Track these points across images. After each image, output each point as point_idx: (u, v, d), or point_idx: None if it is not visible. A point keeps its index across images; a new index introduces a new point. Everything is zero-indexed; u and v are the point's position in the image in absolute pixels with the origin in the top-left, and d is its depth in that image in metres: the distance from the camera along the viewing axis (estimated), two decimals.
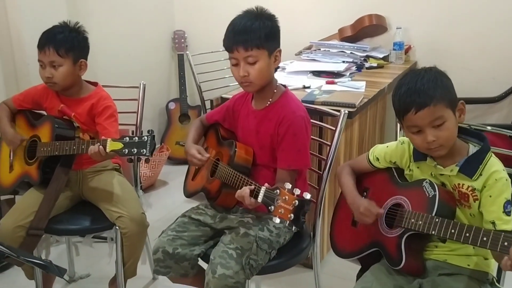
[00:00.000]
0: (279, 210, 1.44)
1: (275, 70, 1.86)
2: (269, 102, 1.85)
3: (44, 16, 2.87)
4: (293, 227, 1.46)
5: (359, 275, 1.72)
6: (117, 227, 2.06)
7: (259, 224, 1.80)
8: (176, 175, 3.81)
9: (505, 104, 3.25)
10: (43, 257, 2.28)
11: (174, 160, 3.97)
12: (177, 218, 1.93)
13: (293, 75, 3.01)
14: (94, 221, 2.12)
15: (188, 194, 2.08)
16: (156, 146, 2.50)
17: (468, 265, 1.53)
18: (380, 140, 3.42)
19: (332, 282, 2.40)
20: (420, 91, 1.45)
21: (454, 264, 1.53)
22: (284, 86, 1.91)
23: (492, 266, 1.56)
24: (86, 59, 2.14)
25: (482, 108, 3.28)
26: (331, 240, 1.84)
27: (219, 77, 3.18)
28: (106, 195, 2.13)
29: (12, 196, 2.42)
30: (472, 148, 1.53)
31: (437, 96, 1.44)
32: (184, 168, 2.02)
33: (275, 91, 1.85)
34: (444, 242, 1.54)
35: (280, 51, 1.80)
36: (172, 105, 4.13)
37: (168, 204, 3.38)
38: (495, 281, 1.56)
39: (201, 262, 1.88)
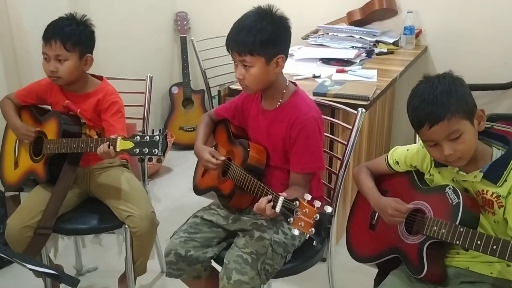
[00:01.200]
0: (299, 223, 1.39)
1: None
2: (279, 103, 1.78)
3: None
4: (314, 242, 1.42)
5: (376, 280, 1.68)
6: (126, 226, 2.02)
7: (273, 226, 1.76)
8: (180, 161, 3.76)
9: None
10: (51, 254, 2.25)
11: (178, 146, 3.91)
12: (189, 219, 1.89)
13: (301, 62, 2.94)
14: (103, 219, 2.07)
15: (199, 192, 2.04)
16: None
17: (491, 273, 1.49)
18: (388, 127, 3.36)
19: (340, 275, 2.35)
20: (433, 105, 1.39)
21: (477, 272, 1.50)
22: (295, 84, 1.83)
23: None
24: (92, 54, 2.06)
25: (494, 95, 3.21)
26: (348, 243, 1.80)
27: (224, 63, 3.10)
28: (114, 192, 2.08)
29: (17, 193, 2.37)
30: (496, 152, 1.48)
31: (451, 109, 1.38)
32: (188, 153, 1.95)
33: (284, 91, 1.78)
34: (467, 250, 1.50)
35: (283, 57, 1.70)
36: (175, 90, 4.04)
37: (173, 193, 3.33)
38: None
39: (214, 263, 1.84)
